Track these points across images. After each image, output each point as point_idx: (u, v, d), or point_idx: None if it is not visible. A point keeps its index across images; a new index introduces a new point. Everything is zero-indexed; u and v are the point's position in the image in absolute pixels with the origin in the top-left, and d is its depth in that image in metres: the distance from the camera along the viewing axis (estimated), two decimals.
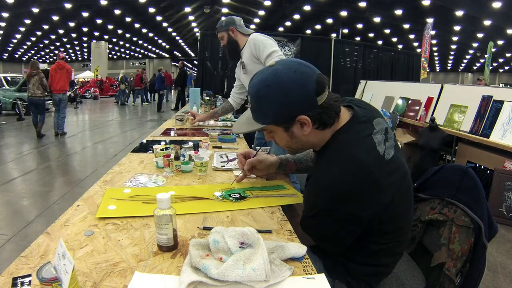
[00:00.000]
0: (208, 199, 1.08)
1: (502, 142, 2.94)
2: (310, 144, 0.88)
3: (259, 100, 0.84)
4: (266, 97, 0.81)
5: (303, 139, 0.85)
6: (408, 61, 8.91)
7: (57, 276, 0.56)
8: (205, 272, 0.64)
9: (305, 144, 0.87)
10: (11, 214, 2.71)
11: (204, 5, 14.12)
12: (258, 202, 1.07)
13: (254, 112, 0.87)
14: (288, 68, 0.80)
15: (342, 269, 0.92)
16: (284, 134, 0.86)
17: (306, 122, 0.81)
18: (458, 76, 33.70)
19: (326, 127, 0.83)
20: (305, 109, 0.80)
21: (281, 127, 0.84)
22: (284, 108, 0.80)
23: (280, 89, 0.78)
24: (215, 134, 2.07)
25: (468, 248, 0.90)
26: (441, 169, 1.08)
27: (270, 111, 0.82)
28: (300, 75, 0.79)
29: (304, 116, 0.80)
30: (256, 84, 0.83)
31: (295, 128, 0.83)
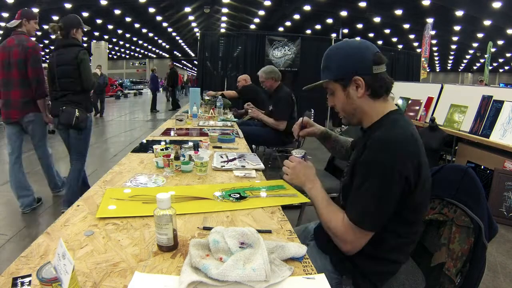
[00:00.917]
0: (208, 199, 1.08)
1: (502, 142, 2.94)
2: (361, 112, 0.96)
3: (327, 58, 0.99)
4: (333, 56, 0.97)
5: (357, 102, 0.95)
6: (408, 61, 8.91)
7: (57, 276, 0.56)
8: (205, 272, 0.64)
9: (357, 109, 0.96)
10: (11, 214, 2.70)
11: (204, 5, 14.12)
12: (258, 202, 1.07)
13: (323, 71, 1.00)
14: (355, 40, 0.98)
15: (351, 265, 0.93)
16: (341, 94, 0.96)
17: (361, 83, 0.92)
18: (458, 76, 33.70)
19: (377, 97, 0.94)
20: (361, 71, 0.92)
21: (340, 85, 0.96)
22: (344, 66, 0.94)
23: (344, 50, 0.95)
24: (215, 135, 2.07)
25: (468, 248, 0.90)
26: (441, 169, 1.07)
27: (333, 67, 0.96)
28: (363, 44, 0.95)
29: (359, 77, 0.92)
30: (329, 48, 1.00)
31: (351, 89, 0.94)
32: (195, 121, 2.86)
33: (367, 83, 0.92)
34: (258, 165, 1.52)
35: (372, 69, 0.92)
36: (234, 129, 2.58)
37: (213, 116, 3.22)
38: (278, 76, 3.23)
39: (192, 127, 2.59)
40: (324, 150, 1.44)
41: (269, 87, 3.28)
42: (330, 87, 1.00)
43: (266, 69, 3.24)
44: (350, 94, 0.95)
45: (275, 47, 7.59)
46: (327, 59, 0.99)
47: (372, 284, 0.92)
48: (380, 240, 0.89)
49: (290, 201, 1.10)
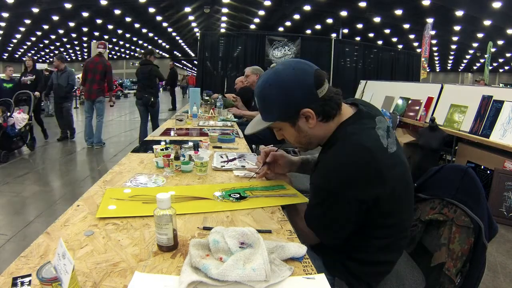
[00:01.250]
0: (208, 199, 1.08)
1: (502, 142, 2.94)
2: (317, 138, 0.92)
3: (263, 100, 0.90)
4: (269, 96, 0.88)
5: (310, 132, 0.90)
6: (408, 61, 8.92)
7: (57, 276, 0.56)
8: (205, 272, 0.64)
9: (312, 138, 0.92)
10: (11, 214, 2.71)
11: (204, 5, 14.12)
12: (258, 202, 1.07)
13: (261, 112, 0.94)
14: (287, 67, 0.87)
15: (342, 268, 0.92)
16: (291, 130, 0.91)
17: (310, 114, 0.86)
18: (458, 76, 33.69)
19: (330, 119, 0.88)
20: (307, 103, 0.85)
21: (288, 123, 0.90)
22: (287, 104, 0.86)
23: (281, 87, 0.85)
24: (215, 135, 2.07)
25: (468, 248, 0.90)
26: (441, 169, 1.08)
27: (274, 109, 0.88)
28: (299, 71, 0.85)
29: (307, 109, 0.85)
30: (260, 85, 0.90)
31: (301, 122, 0.88)
32: (195, 121, 2.86)
33: (316, 111, 0.85)
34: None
35: (317, 95, 0.84)
36: (234, 129, 2.58)
37: (213, 116, 3.22)
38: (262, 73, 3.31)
39: (192, 127, 2.59)
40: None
41: (252, 83, 3.45)
42: (276, 126, 0.93)
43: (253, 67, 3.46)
44: (301, 128, 0.89)
45: (275, 47, 7.59)
46: (263, 101, 0.90)
47: (366, 284, 0.92)
48: (364, 244, 0.88)
49: (290, 201, 1.09)
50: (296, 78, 0.84)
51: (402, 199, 0.85)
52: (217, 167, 1.45)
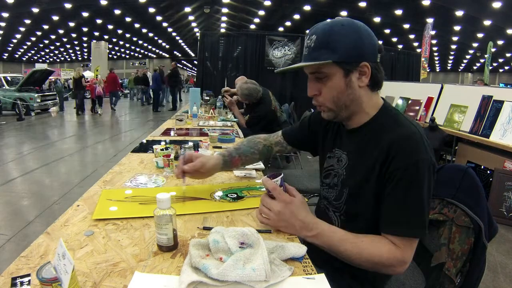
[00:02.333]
0: (206, 200, 1.08)
1: (502, 142, 2.94)
2: (358, 104, 0.84)
3: (331, 34, 0.79)
4: (340, 32, 0.79)
5: (356, 93, 0.83)
6: (408, 61, 8.91)
7: (57, 276, 0.56)
8: (205, 272, 0.64)
9: (354, 101, 0.83)
10: (11, 214, 2.71)
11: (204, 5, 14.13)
12: (255, 201, 1.07)
13: (317, 50, 0.80)
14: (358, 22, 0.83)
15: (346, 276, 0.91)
16: (341, 81, 0.81)
17: (367, 71, 0.81)
18: (458, 76, 33.70)
19: (375, 88, 0.85)
20: (370, 58, 0.81)
21: (342, 70, 0.80)
22: (355, 46, 0.79)
23: (355, 30, 0.80)
24: (215, 135, 2.07)
25: (468, 248, 0.89)
26: (441, 169, 1.07)
27: (341, 47, 0.79)
28: (368, 29, 0.83)
29: (367, 64, 0.80)
30: (329, 23, 0.81)
31: (354, 76, 0.81)
32: (195, 121, 2.86)
33: (372, 71, 0.81)
34: (258, 165, 1.52)
35: (377, 57, 0.83)
36: (234, 129, 2.58)
37: (213, 116, 3.22)
38: (254, 98, 3.18)
39: (192, 127, 2.59)
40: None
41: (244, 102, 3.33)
42: (324, 71, 0.81)
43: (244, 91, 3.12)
44: (352, 82, 0.81)
45: (275, 47, 7.59)
46: (330, 34, 0.79)
47: (371, 287, 0.92)
48: None
49: None
50: (368, 32, 0.82)
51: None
52: None
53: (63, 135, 6.44)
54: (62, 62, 35.28)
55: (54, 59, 35.06)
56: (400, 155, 0.76)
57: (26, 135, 6.27)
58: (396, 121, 0.82)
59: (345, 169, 0.90)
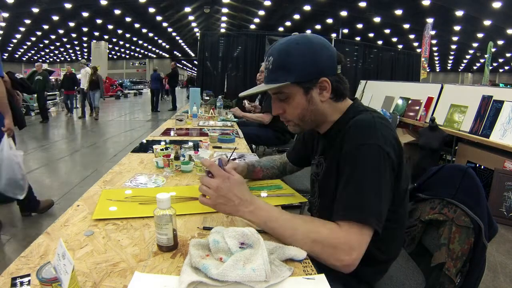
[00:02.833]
0: None
1: (502, 142, 2.94)
2: (321, 117, 0.87)
3: (286, 55, 0.81)
4: (294, 52, 0.81)
5: (319, 107, 0.85)
6: (408, 61, 8.91)
7: (57, 276, 0.56)
8: (205, 272, 0.64)
9: (318, 115, 0.86)
10: (11, 214, 2.70)
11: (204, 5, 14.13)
12: None
13: (275, 71, 0.83)
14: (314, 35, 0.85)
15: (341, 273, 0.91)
16: (302, 98, 0.84)
17: (327, 86, 0.83)
18: (458, 76, 33.70)
19: (339, 99, 0.87)
20: (328, 72, 0.82)
21: (302, 89, 0.83)
22: (311, 65, 0.81)
23: (310, 47, 0.81)
24: (215, 135, 2.07)
25: (468, 248, 0.90)
26: (441, 169, 1.08)
27: (297, 67, 0.81)
28: (325, 42, 0.84)
29: (326, 79, 0.82)
30: (284, 43, 0.83)
31: (315, 92, 0.83)
32: (195, 121, 2.86)
33: (332, 84, 0.83)
34: None
35: (337, 70, 0.84)
36: (234, 129, 2.58)
37: (213, 116, 3.22)
38: None
39: (192, 127, 2.59)
40: None
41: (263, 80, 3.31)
42: (284, 92, 0.84)
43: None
44: (313, 98, 0.84)
45: None
46: (285, 55, 0.81)
47: (365, 284, 0.91)
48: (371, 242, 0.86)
49: (286, 201, 1.09)
50: (324, 46, 0.82)
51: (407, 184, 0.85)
52: None
53: (63, 135, 6.44)
54: (62, 62, 35.28)
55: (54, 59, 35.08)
56: (348, 140, 0.78)
57: (26, 135, 6.27)
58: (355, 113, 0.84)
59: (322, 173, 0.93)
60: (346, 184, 0.75)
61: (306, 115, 0.86)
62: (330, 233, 0.72)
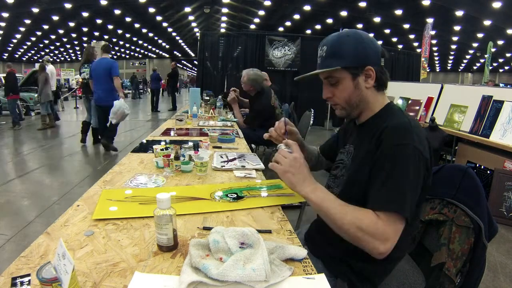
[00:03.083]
0: (206, 200, 1.08)
1: (502, 142, 2.94)
2: (365, 103, 0.95)
3: (339, 43, 0.93)
4: (346, 42, 0.92)
5: (364, 93, 0.93)
6: (408, 61, 8.92)
7: (57, 276, 0.56)
8: (205, 272, 0.64)
9: (362, 101, 0.94)
10: (11, 214, 2.71)
11: (204, 5, 14.12)
12: (255, 201, 1.07)
13: (328, 58, 0.93)
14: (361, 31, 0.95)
15: (346, 267, 0.92)
16: (350, 83, 0.92)
17: (372, 74, 0.91)
18: (458, 76, 33.70)
19: (381, 88, 0.95)
20: (374, 62, 0.92)
21: (350, 75, 0.92)
22: (360, 53, 0.91)
23: (359, 39, 0.92)
24: (215, 135, 2.07)
25: (468, 248, 0.89)
26: (441, 169, 1.07)
27: (347, 54, 0.91)
28: (371, 37, 0.94)
29: (371, 67, 0.91)
30: (336, 35, 0.95)
31: (361, 79, 0.92)
32: (195, 121, 2.86)
33: (377, 74, 0.92)
34: (258, 165, 1.52)
35: (381, 61, 0.93)
36: (234, 129, 2.58)
37: (213, 116, 3.22)
38: (259, 86, 3.20)
39: (192, 127, 2.59)
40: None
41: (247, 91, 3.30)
42: (335, 76, 0.93)
43: (251, 75, 3.16)
44: (359, 84, 0.93)
45: (275, 47, 7.59)
46: (337, 45, 0.93)
47: (370, 283, 0.92)
48: None
49: (287, 201, 1.09)
50: (371, 39, 0.93)
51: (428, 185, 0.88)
52: (217, 167, 1.45)
53: (63, 135, 6.44)
54: (62, 62, 35.28)
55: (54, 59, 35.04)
56: (386, 139, 0.83)
57: (26, 135, 6.27)
58: (393, 114, 0.91)
59: (351, 159, 0.98)
60: (386, 180, 0.81)
61: (352, 99, 0.94)
62: (370, 222, 0.78)
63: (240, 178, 1.35)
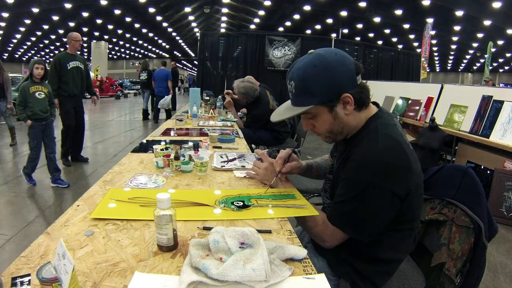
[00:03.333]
0: (208, 206, 1.02)
1: (502, 142, 2.94)
2: (349, 128, 0.92)
3: (306, 81, 0.87)
4: (313, 77, 0.85)
5: (345, 120, 0.90)
6: (408, 61, 8.92)
7: (57, 276, 0.56)
8: (205, 272, 0.64)
9: (345, 127, 0.92)
10: (11, 214, 2.70)
11: (204, 5, 14.12)
12: (260, 212, 0.99)
13: (299, 96, 0.89)
14: (329, 52, 0.87)
15: (349, 268, 0.92)
16: (328, 116, 0.89)
17: (350, 100, 0.86)
18: (458, 76, 33.69)
19: (362, 108, 0.90)
20: (348, 87, 0.86)
21: (326, 108, 0.88)
22: (331, 85, 0.85)
23: (326, 68, 0.84)
24: (215, 135, 2.07)
25: (468, 248, 0.90)
26: (441, 169, 1.08)
27: (317, 90, 0.86)
28: (341, 57, 0.86)
29: (347, 94, 0.86)
30: (302, 67, 0.88)
31: (339, 108, 0.88)
32: (195, 121, 2.86)
33: (354, 97, 0.86)
34: None
35: (357, 81, 0.87)
36: (234, 129, 2.58)
37: (213, 116, 3.22)
38: (251, 97, 3.19)
39: (192, 127, 2.59)
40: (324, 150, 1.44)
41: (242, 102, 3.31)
42: (311, 112, 0.90)
43: (241, 89, 3.14)
44: (338, 114, 0.88)
45: (275, 47, 7.59)
46: (304, 82, 0.87)
47: (372, 284, 0.92)
48: (377, 241, 0.88)
49: (296, 213, 0.98)
50: (341, 62, 0.85)
51: (421, 193, 0.88)
52: (217, 167, 1.45)
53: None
54: None
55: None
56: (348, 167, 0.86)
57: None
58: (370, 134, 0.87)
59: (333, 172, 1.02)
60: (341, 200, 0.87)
61: (334, 128, 0.92)
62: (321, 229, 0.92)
63: (240, 178, 1.35)
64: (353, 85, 0.86)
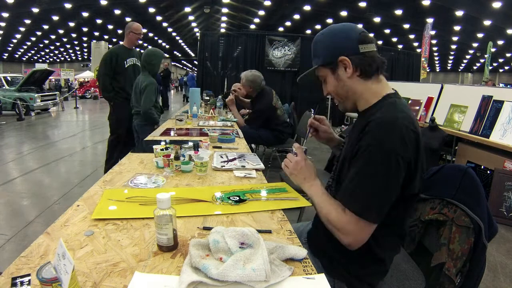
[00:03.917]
0: (207, 202, 1.08)
1: (502, 142, 2.94)
2: (354, 93, 0.95)
3: (315, 44, 0.99)
4: (318, 41, 0.98)
5: (348, 83, 0.94)
6: (408, 61, 8.91)
7: (57, 276, 0.56)
8: (205, 272, 0.64)
9: (350, 91, 0.95)
10: (11, 214, 2.70)
11: (204, 5, 14.12)
12: (257, 205, 1.07)
13: (313, 59, 1.00)
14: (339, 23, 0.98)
15: (342, 270, 0.92)
16: (332, 78, 0.96)
17: (347, 63, 0.91)
18: (458, 76, 33.69)
19: (368, 77, 0.92)
20: (347, 51, 0.91)
21: (329, 70, 0.96)
22: (332, 47, 0.94)
23: (331, 33, 0.96)
24: (215, 135, 2.07)
25: (468, 248, 0.89)
26: (441, 169, 1.07)
27: (322, 51, 0.96)
28: (347, 26, 0.95)
29: (344, 57, 0.91)
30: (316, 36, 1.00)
31: (340, 71, 0.94)
32: (195, 121, 2.86)
33: (354, 62, 0.91)
34: (258, 165, 1.52)
35: (358, 48, 0.91)
36: (234, 129, 2.58)
37: (213, 116, 3.22)
38: (258, 86, 3.21)
39: (192, 127, 2.59)
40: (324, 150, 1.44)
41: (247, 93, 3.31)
42: (321, 75, 0.99)
43: (249, 77, 3.19)
44: (339, 76, 0.94)
45: (275, 47, 7.59)
46: (314, 46, 1.00)
47: (367, 284, 0.92)
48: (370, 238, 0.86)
49: (290, 205, 1.09)
50: (343, 29, 0.94)
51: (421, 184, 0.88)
52: (217, 167, 1.45)
53: (63, 135, 6.44)
54: (62, 62, 35.27)
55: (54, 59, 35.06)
56: (367, 135, 0.83)
57: (26, 135, 6.27)
58: (386, 108, 0.88)
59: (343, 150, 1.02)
60: (355, 176, 0.84)
61: (338, 91, 0.97)
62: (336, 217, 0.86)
63: (240, 178, 1.35)
64: (352, 51, 0.91)
